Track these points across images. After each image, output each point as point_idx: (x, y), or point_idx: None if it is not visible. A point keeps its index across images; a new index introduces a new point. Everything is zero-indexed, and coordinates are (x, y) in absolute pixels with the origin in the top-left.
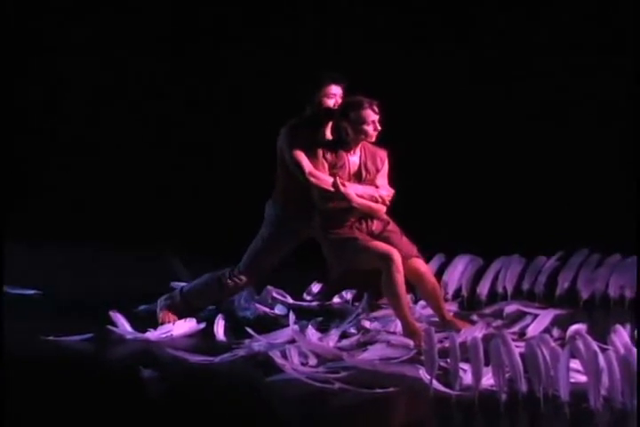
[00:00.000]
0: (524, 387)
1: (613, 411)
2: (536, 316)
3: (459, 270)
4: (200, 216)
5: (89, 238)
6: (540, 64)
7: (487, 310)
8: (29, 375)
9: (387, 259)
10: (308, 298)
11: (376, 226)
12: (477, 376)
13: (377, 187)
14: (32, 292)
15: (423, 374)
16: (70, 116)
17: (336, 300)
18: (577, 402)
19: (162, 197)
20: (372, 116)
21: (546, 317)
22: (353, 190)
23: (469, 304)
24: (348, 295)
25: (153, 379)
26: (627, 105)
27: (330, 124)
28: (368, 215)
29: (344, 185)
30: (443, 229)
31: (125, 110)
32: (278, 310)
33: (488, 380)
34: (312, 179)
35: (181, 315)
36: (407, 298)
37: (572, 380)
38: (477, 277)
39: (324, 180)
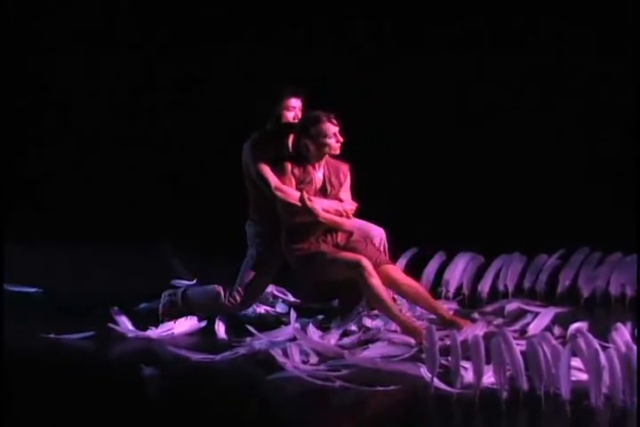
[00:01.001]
0: (525, 385)
1: (614, 409)
2: (537, 314)
3: (460, 269)
4: (200, 215)
5: (89, 237)
6: (539, 57)
7: (488, 309)
8: (30, 373)
9: (357, 266)
10: None
11: (340, 238)
12: (478, 374)
13: (341, 201)
14: (33, 289)
15: (424, 372)
16: (70, 117)
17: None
18: (578, 400)
19: (161, 196)
20: (331, 128)
21: (547, 315)
22: (319, 205)
23: (470, 302)
24: None
25: (154, 377)
26: (627, 105)
27: (292, 137)
28: (331, 229)
29: (310, 200)
30: (444, 228)
31: (125, 110)
32: (279, 308)
33: (489, 378)
34: (278, 193)
35: (180, 315)
36: (390, 299)
37: (573, 378)
38: (478, 276)
39: (291, 194)
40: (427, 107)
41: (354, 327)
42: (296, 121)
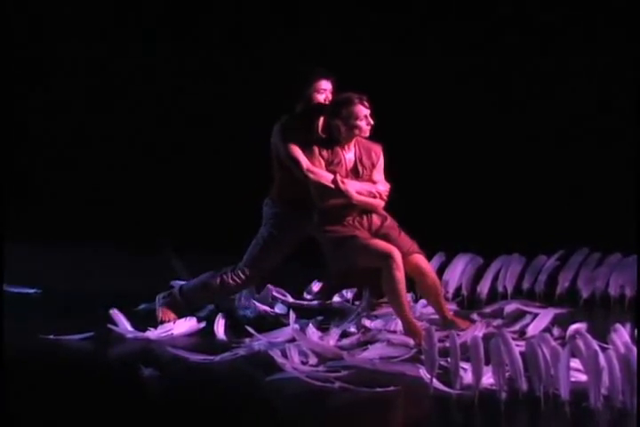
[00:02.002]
0: (524, 386)
1: (614, 410)
2: (536, 315)
3: (459, 269)
4: (200, 214)
5: (89, 238)
6: (541, 62)
7: (487, 310)
8: (29, 374)
9: (387, 257)
10: (309, 297)
11: (375, 222)
12: (478, 375)
13: (374, 182)
14: (32, 290)
15: (423, 373)
16: (68, 118)
17: (336, 299)
18: (577, 401)
19: (161, 196)
20: (363, 110)
21: (546, 316)
22: (352, 187)
23: (469, 303)
24: (349, 294)
25: (153, 378)
26: (626, 105)
27: (322, 119)
28: (366, 211)
29: (343, 182)
30: (443, 228)
31: (124, 110)
32: (278, 308)
33: (488, 379)
34: (310, 175)
35: (180, 313)
36: (407, 297)
37: (573, 379)
38: (478, 277)
39: (323, 176)
40: (426, 105)
41: (353, 328)
42: (326, 103)
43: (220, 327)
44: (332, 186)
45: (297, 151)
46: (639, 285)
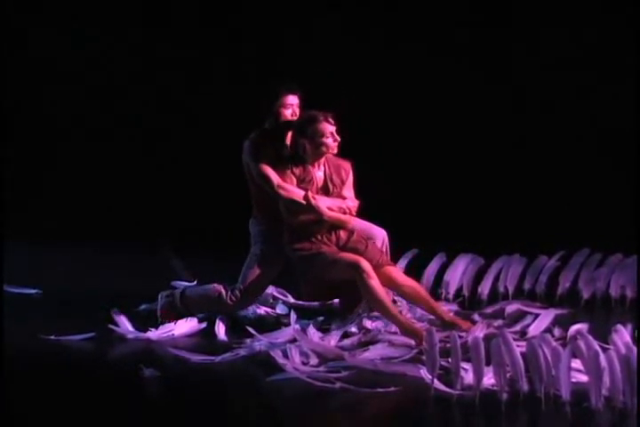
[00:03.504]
0: (525, 386)
1: (614, 411)
2: (537, 315)
3: (460, 270)
4: (200, 214)
5: (90, 238)
6: (540, 57)
7: (488, 310)
8: (30, 375)
9: (356, 267)
10: None
11: (342, 237)
12: (478, 376)
13: (343, 198)
14: (32, 291)
15: (424, 373)
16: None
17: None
18: (578, 402)
19: (162, 197)
20: (329, 127)
21: (547, 316)
22: (322, 203)
23: (470, 304)
24: None
25: (154, 378)
26: (626, 105)
27: (290, 136)
28: (334, 227)
29: (315, 198)
30: (444, 229)
31: (123, 111)
32: (279, 309)
33: (489, 379)
34: (282, 191)
35: (179, 316)
36: (389, 300)
37: (574, 379)
38: (478, 277)
39: (294, 192)
40: (426, 105)
41: (354, 329)
42: (294, 118)
43: (221, 328)
44: (304, 202)
45: (267, 168)
46: (639, 285)
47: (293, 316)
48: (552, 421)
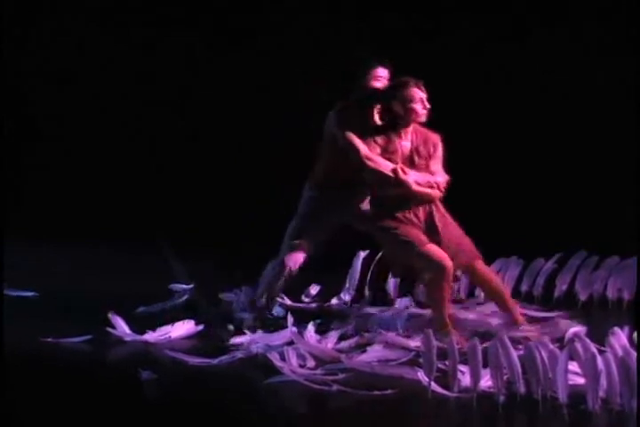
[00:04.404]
0: (522, 389)
1: (611, 413)
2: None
3: (457, 272)
4: (200, 216)
5: (88, 240)
6: (541, 65)
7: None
8: (28, 377)
9: (438, 269)
10: (307, 300)
11: (430, 215)
12: (476, 378)
13: (431, 173)
14: (30, 294)
15: (421, 376)
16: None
17: (334, 301)
18: (575, 404)
19: (160, 197)
20: (419, 93)
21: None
22: (410, 177)
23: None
24: (347, 297)
25: (151, 381)
26: (625, 108)
27: (378, 107)
28: (422, 203)
29: (404, 171)
30: None
31: (121, 113)
32: (277, 311)
33: (486, 382)
34: (369, 162)
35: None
36: (447, 300)
37: (571, 382)
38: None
39: (382, 164)
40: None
41: (351, 331)
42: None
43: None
44: (392, 175)
45: (354, 138)
46: (638, 288)
47: (290, 318)
48: (549, 423)
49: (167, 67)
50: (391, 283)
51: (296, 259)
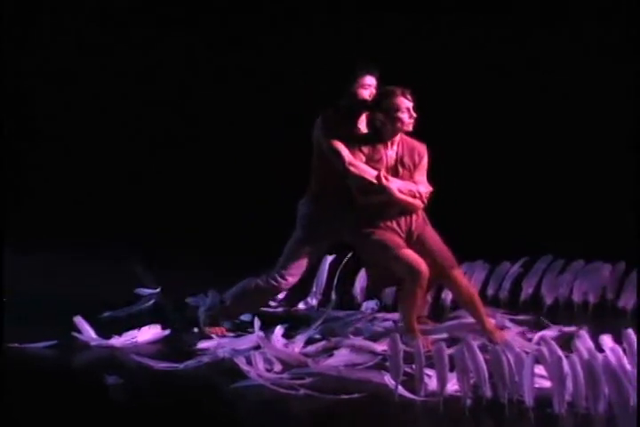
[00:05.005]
0: (488, 392)
1: (577, 416)
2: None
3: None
4: (171, 221)
5: (52, 244)
6: (540, 66)
7: (452, 316)
8: None
9: (414, 273)
10: (274, 304)
11: (412, 225)
12: (442, 382)
13: (415, 183)
14: None
15: (388, 379)
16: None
17: (301, 306)
18: (541, 407)
19: (129, 202)
20: (405, 103)
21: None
22: (393, 184)
23: (434, 311)
24: (314, 301)
25: (117, 385)
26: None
27: (364, 115)
28: (405, 213)
29: (387, 179)
30: None
31: (120, 116)
32: (243, 316)
33: (453, 386)
34: (352, 169)
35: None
36: (416, 313)
37: (537, 385)
38: (442, 284)
39: (365, 170)
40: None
41: (318, 335)
42: (370, 99)
43: (256, 323)
44: (375, 181)
45: (339, 144)
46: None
47: (257, 322)
48: (516, 426)
49: (167, 67)
50: (358, 287)
51: (292, 283)
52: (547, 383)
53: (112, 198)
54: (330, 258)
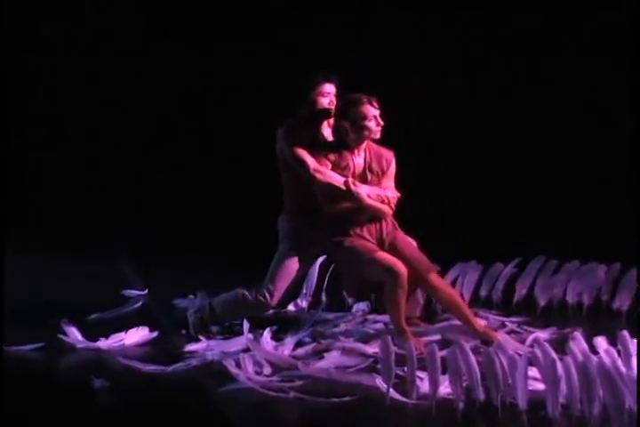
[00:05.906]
0: (481, 395)
1: (571, 419)
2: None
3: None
4: (158, 223)
5: (40, 247)
6: (538, 68)
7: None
8: None
9: (392, 272)
10: None
11: (383, 231)
12: (435, 385)
13: (383, 189)
14: None
15: (379, 382)
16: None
17: (291, 308)
18: (535, 410)
19: (118, 203)
20: (372, 111)
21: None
22: (361, 190)
23: (427, 312)
24: (304, 303)
25: (104, 388)
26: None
27: (326, 123)
28: (374, 219)
29: (355, 184)
30: None
31: (118, 116)
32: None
33: (445, 388)
34: (318, 175)
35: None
36: (404, 306)
37: (530, 388)
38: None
39: (332, 176)
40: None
41: (308, 338)
42: (331, 107)
43: (245, 326)
44: (343, 187)
45: (302, 152)
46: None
47: (246, 325)
48: None
49: (167, 67)
50: None
51: (279, 298)
52: (540, 386)
53: (101, 200)
54: (320, 260)
